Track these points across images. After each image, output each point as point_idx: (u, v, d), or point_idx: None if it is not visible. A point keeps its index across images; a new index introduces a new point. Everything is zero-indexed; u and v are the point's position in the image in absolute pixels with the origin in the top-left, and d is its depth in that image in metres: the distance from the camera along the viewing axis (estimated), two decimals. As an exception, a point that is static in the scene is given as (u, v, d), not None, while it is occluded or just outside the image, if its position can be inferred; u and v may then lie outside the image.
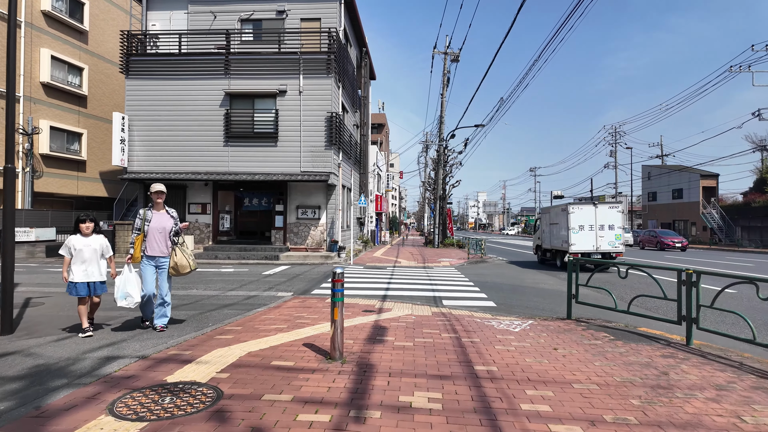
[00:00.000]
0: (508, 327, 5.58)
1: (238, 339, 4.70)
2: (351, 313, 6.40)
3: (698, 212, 40.80)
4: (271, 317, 6.01)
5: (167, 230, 5.25)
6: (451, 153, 30.75)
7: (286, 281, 10.69)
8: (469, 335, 5.07)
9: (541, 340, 4.92)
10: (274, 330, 5.17)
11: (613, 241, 14.10)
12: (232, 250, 16.08)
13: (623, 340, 4.98)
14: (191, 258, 5.34)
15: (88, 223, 5.14)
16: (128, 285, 5.01)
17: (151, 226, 5.18)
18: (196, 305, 7.38)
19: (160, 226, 5.21)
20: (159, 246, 5.21)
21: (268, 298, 8.28)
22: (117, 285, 4.99)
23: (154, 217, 5.22)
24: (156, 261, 5.22)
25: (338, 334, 4.00)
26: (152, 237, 5.18)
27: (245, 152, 16.50)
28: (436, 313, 6.50)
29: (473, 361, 4.05)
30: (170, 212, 5.39)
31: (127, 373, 3.54)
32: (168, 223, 5.27)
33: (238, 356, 4.05)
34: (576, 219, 14.11)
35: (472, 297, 8.79)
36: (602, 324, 5.82)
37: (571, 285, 6.09)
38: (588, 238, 13.98)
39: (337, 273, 4.02)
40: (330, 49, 16.27)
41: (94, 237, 5.17)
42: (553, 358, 4.23)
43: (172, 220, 5.34)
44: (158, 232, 5.19)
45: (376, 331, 5.17)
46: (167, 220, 5.29)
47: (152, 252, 5.19)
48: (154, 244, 5.19)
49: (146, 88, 16.79)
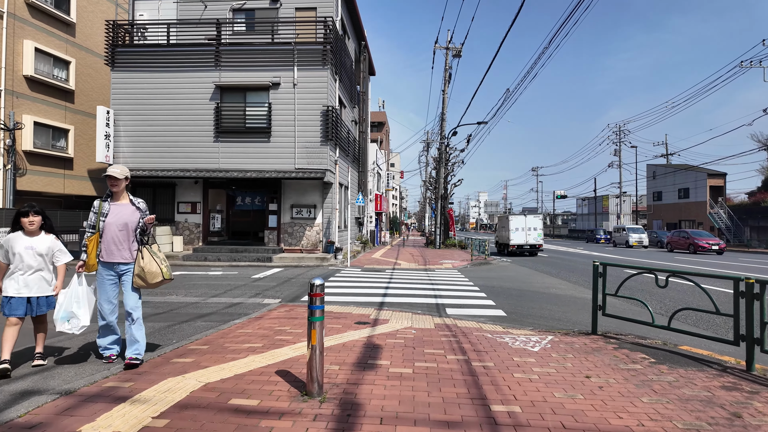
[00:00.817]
0: (525, 345, 4.72)
1: (198, 364, 3.85)
2: (341, 325, 5.54)
3: (705, 212, 39.85)
4: (248, 332, 5.15)
5: (130, 227, 3.93)
6: (453, 151, 29.88)
7: (276, 286, 9.84)
8: (481, 357, 4.20)
9: (568, 363, 4.05)
10: (245, 350, 4.32)
11: (536, 238, 21.53)
12: (223, 251, 15.23)
13: (667, 363, 4.11)
14: (164, 264, 4.00)
15: (32, 216, 3.82)
16: (74, 302, 3.79)
17: (107, 222, 3.86)
18: (168, 315, 6.52)
19: (120, 221, 3.88)
20: (119, 249, 3.87)
21: (252, 306, 7.43)
22: (59, 302, 3.81)
23: (113, 210, 3.90)
24: (116, 269, 3.90)
25: (317, 362, 3.14)
26: (110, 237, 3.85)
27: (237, 148, 15.65)
28: (440, 326, 5.64)
29: (489, 397, 3.19)
30: (136, 203, 4.04)
31: (33, 420, 2.69)
32: (132, 217, 3.95)
33: (189, 390, 3.19)
34: (514, 224, 21.60)
35: (479, 304, 7.93)
36: (635, 341, 4.95)
37: (597, 294, 5.22)
38: (521, 236, 21.48)
39: (315, 285, 3.15)
40: (326, 39, 15.42)
41: (42, 237, 3.90)
42: (588, 391, 3.37)
43: (138, 214, 4.00)
44: (118, 230, 3.87)
45: (368, 352, 4.32)
46: (131, 213, 3.96)
47: (110, 257, 3.85)
48: (113, 247, 3.85)
49: (133, 81, 15.95)
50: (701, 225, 40.34)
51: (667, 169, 45.73)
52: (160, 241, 15.37)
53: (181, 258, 14.64)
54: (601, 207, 55.49)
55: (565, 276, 13.20)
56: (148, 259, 3.92)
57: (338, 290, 9.23)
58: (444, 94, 27.95)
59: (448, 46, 27.40)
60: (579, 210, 63.91)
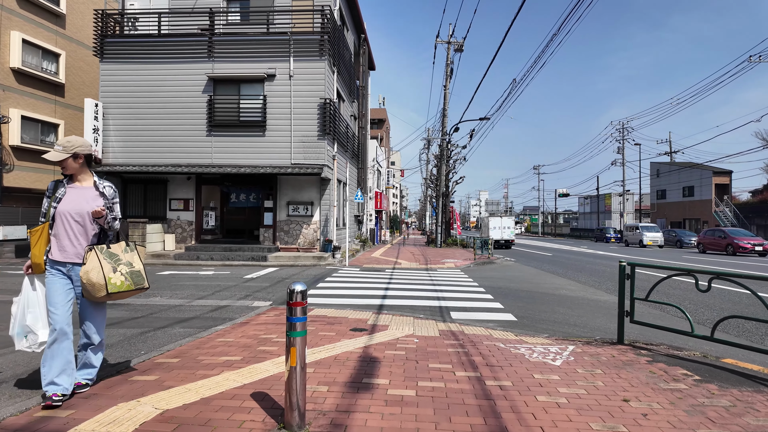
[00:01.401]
0: (544, 357, 4.11)
1: (161, 383, 3.24)
2: (335, 333, 4.94)
3: (711, 210, 39.22)
4: (228, 341, 4.55)
5: (85, 216, 3.00)
6: (455, 148, 29.25)
7: (269, 287, 9.23)
8: (495, 374, 3.59)
9: (599, 382, 3.44)
10: (220, 365, 3.71)
11: (510, 234, 27.66)
12: (216, 250, 14.62)
13: (716, 382, 3.50)
14: (122, 272, 2.98)
15: None
16: (28, 313, 2.94)
17: (59, 210, 2.98)
18: (145, 320, 5.92)
19: (76, 209, 2.99)
20: (74, 246, 2.97)
21: (240, 309, 6.83)
22: (12, 314, 2.97)
23: (69, 195, 3.01)
24: (71, 272, 2.99)
25: (297, 386, 2.53)
26: (62, 228, 2.97)
27: (230, 143, 15.02)
28: (445, 333, 5.03)
29: (511, 430, 2.58)
30: (101, 186, 3.12)
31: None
32: (92, 204, 3.02)
33: (140, 422, 2.58)
34: (492, 223, 27.98)
35: (485, 308, 7.32)
36: (670, 353, 4.33)
37: (624, 298, 4.61)
38: (498, 233, 27.42)
39: (295, 292, 2.53)
40: (323, 29, 14.78)
41: None
42: (631, 420, 2.76)
43: (102, 201, 3.07)
44: (73, 221, 2.98)
45: (363, 368, 3.70)
46: (91, 199, 3.04)
47: (62, 255, 2.95)
48: (66, 242, 2.96)
49: (122, 73, 15.32)
50: (706, 224, 39.68)
51: (671, 166, 45.06)
52: (151, 240, 14.76)
53: (172, 257, 14.03)
54: (603, 205, 54.84)
55: (573, 276, 12.59)
56: (93, 264, 2.91)
57: (334, 291, 8.63)
58: (445, 90, 27.31)
59: (449, 41, 26.74)
60: (581, 209, 63.23)
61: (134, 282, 3.03)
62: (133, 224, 14.23)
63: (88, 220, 3.02)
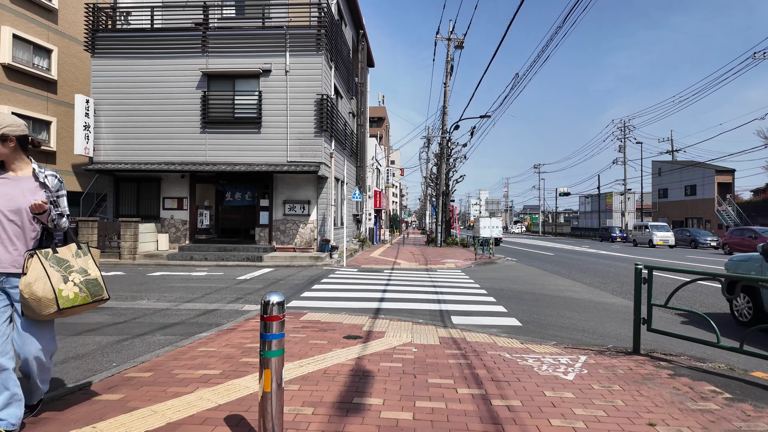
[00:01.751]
0: (554, 370, 3.73)
1: (125, 404, 2.86)
2: (327, 341, 4.57)
3: (713, 209, 38.88)
4: (210, 351, 4.18)
5: (22, 214, 2.44)
6: (455, 146, 28.87)
7: (262, 288, 8.86)
8: (502, 391, 3.22)
9: (618, 400, 3.07)
10: (196, 380, 3.34)
11: (498, 233, 31.10)
12: (211, 250, 14.24)
13: (749, 401, 3.13)
14: (74, 283, 2.42)
15: None
16: None
17: None
18: (125, 326, 5.55)
19: (9, 204, 2.41)
20: (8, 251, 2.41)
21: (229, 313, 6.46)
22: None
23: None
24: (4, 283, 2.42)
25: (273, 413, 2.17)
26: None
27: (225, 140, 14.64)
28: (446, 340, 4.66)
29: (524, 467, 2.21)
30: (41, 176, 2.54)
31: None
32: (30, 197, 2.45)
33: (90, 456, 2.21)
34: (482, 223, 31.74)
35: (488, 311, 6.95)
36: (693, 365, 3.96)
37: (640, 304, 4.24)
38: (488, 232, 30.37)
39: (270, 304, 2.16)
40: (320, 23, 14.39)
41: None
42: (661, 450, 2.39)
43: (43, 193, 2.51)
44: (6, 219, 2.41)
45: (355, 383, 3.33)
46: (29, 191, 2.48)
47: None
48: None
49: (114, 68, 14.94)
50: (708, 223, 39.34)
51: (673, 165, 44.70)
52: (144, 239, 14.37)
53: (165, 257, 13.66)
54: (604, 204, 54.46)
55: (577, 277, 12.22)
56: (36, 274, 2.32)
57: (330, 294, 8.26)
58: (445, 87, 26.92)
59: (449, 37, 26.36)
60: (582, 208, 62.80)
61: (91, 293, 2.47)
62: (125, 224, 13.85)
63: (26, 219, 2.45)
